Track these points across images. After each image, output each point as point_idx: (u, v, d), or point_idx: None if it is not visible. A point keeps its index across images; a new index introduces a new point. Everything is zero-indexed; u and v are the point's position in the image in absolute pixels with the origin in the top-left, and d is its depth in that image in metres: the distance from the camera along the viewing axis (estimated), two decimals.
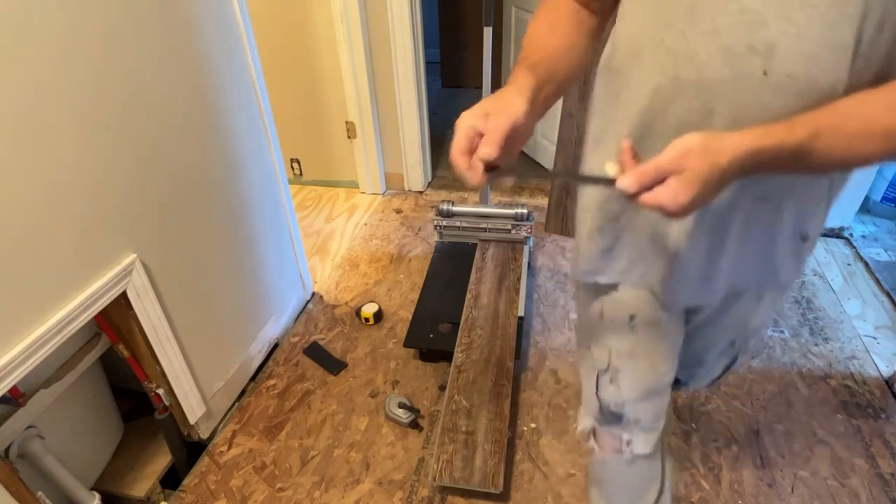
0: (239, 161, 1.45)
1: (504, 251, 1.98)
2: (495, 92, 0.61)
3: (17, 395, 1.01)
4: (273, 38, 2.32)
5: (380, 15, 2.25)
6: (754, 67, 0.53)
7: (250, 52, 1.44)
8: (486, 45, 1.76)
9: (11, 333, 0.90)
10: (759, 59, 0.53)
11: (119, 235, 1.09)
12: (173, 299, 1.25)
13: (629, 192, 0.52)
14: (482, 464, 1.28)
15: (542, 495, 1.31)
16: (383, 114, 2.52)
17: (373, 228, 2.42)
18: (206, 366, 1.41)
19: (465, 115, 0.58)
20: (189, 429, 1.40)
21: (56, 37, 0.90)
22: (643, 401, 0.84)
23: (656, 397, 0.85)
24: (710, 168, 0.50)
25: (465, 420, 1.38)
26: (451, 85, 4.02)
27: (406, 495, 1.32)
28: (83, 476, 1.23)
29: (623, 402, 0.85)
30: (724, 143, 0.50)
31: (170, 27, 1.15)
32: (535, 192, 2.65)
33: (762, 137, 0.51)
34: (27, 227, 0.90)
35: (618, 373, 0.84)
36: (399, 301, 1.96)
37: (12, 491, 0.93)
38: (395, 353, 1.73)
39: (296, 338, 1.81)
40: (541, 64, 0.65)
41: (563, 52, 0.68)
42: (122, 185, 1.08)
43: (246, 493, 1.34)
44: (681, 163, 0.50)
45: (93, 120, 0.99)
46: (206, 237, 1.36)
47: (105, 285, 1.05)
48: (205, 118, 1.30)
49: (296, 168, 2.75)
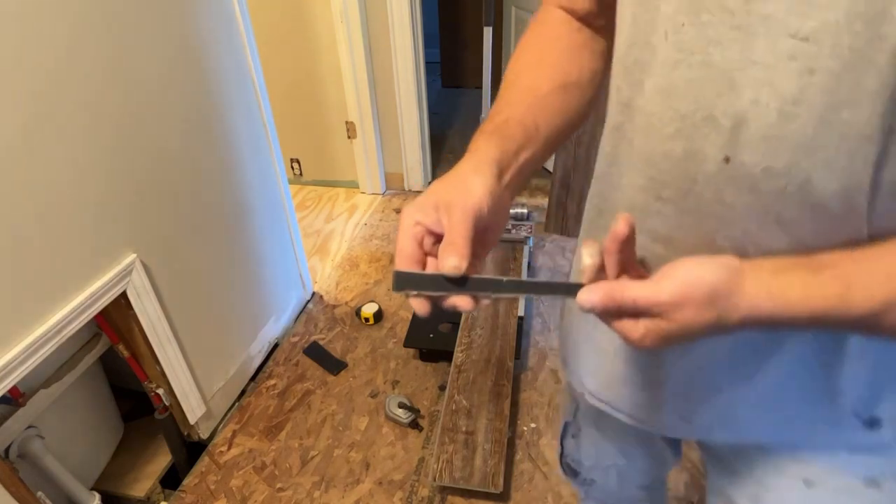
0: (239, 161, 1.45)
1: (504, 251, 1.98)
2: (448, 172, 0.44)
3: (17, 395, 1.01)
4: (273, 38, 2.32)
5: (380, 15, 2.25)
6: (711, 147, 0.38)
7: (250, 52, 1.44)
8: (486, 45, 1.77)
9: (11, 333, 0.90)
10: (720, 137, 0.37)
11: (119, 235, 1.09)
12: (173, 299, 1.25)
13: (585, 309, 0.39)
14: (482, 464, 1.28)
15: (542, 495, 1.31)
16: (383, 114, 2.52)
17: (373, 228, 2.42)
18: (206, 366, 1.40)
19: (407, 208, 0.42)
20: (189, 429, 1.40)
21: (58, 37, 0.90)
22: (605, 473, 0.75)
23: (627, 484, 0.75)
24: (708, 325, 0.37)
25: (465, 420, 1.38)
26: (451, 85, 4.01)
27: (406, 495, 1.32)
28: (83, 476, 1.23)
29: (580, 463, 0.77)
30: (742, 299, 0.36)
31: (170, 28, 1.15)
32: (535, 191, 2.65)
33: (801, 301, 0.36)
34: (27, 228, 0.90)
35: (580, 434, 0.75)
36: (399, 301, 1.96)
37: (12, 491, 0.93)
38: (395, 353, 1.73)
39: (296, 338, 1.81)
40: (515, 120, 0.48)
41: (554, 95, 0.51)
42: (122, 185, 1.08)
43: (246, 493, 1.34)
44: (671, 311, 0.36)
45: (93, 121, 0.99)
46: (206, 237, 1.36)
47: (105, 285, 1.05)
48: (205, 118, 1.30)
49: (296, 168, 2.75)
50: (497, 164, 0.44)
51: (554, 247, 2.22)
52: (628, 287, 0.38)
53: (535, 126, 0.48)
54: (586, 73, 0.53)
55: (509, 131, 0.47)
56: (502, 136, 0.46)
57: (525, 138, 0.47)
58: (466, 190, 0.42)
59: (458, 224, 0.40)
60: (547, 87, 0.51)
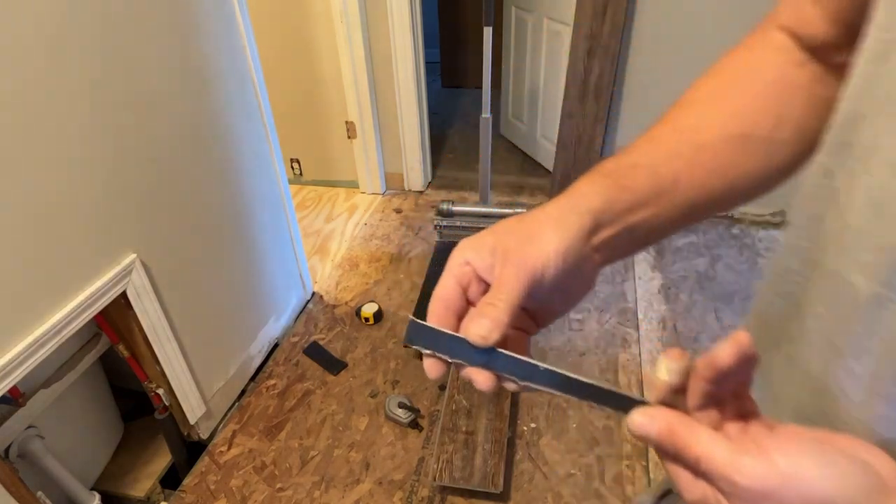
0: (239, 161, 1.45)
1: None
2: (532, 210, 0.34)
3: (17, 395, 1.01)
4: (273, 38, 2.32)
5: (380, 15, 2.25)
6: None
7: (250, 51, 1.44)
8: (486, 45, 1.76)
9: (11, 333, 0.90)
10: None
11: (119, 235, 1.09)
12: (173, 299, 1.25)
13: (634, 433, 0.28)
14: (482, 464, 1.28)
15: (542, 495, 1.31)
16: (383, 114, 2.52)
17: (373, 228, 2.42)
18: (206, 366, 1.41)
19: (461, 243, 0.34)
20: (189, 429, 1.40)
21: (58, 37, 0.90)
22: None
23: None
24: None
25: (465, 420, 1.38)
26: (451, 85, 4.01)
27: (406, 495, 1.32)
28: (83, 476, 1.23)
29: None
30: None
31: (171, 28, 1.15)
32: (535, 191, 2.65)
33: None
34: (27, 228, 0.90)
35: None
36: (399, 301, 1.96)
37: (12, 491, 0.93)
38: (395, 352, 1.73)
39: (296, 338, 1.81)
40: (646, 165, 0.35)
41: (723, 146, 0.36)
42: (122, 185, 1.08)
43: (246, 493, 1.34)
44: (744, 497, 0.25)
45: (93, 120, 0.99)
46: (206, 237, 1.36)
47: (105, 285, 1.05)
48: (205, 118, 1.30)
49: (296, 168, 2.75)
50: (593, 217, 0.33)
51: None
52: (699, 436, 0.26)
53: (674, 180, 0.35)
54: (788, 128, 0.36)
55: (631, 178, 0.35)
56: (617, 183, 0.34)
57: (651, 193, 0.35)
58: (534, 240, 0.32)
59: (507, 281, 0.31)
60: (715, 134, 0.36)
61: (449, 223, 2.03)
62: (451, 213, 2.02)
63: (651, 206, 0.35)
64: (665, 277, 2.02)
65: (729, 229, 2.29)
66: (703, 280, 2.00)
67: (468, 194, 2.63)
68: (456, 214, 2.02)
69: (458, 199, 2.44)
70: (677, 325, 1.80)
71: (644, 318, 1.83)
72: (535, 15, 2.46)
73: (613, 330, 1.79)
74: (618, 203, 0.34)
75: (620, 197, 0.34)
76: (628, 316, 1.84)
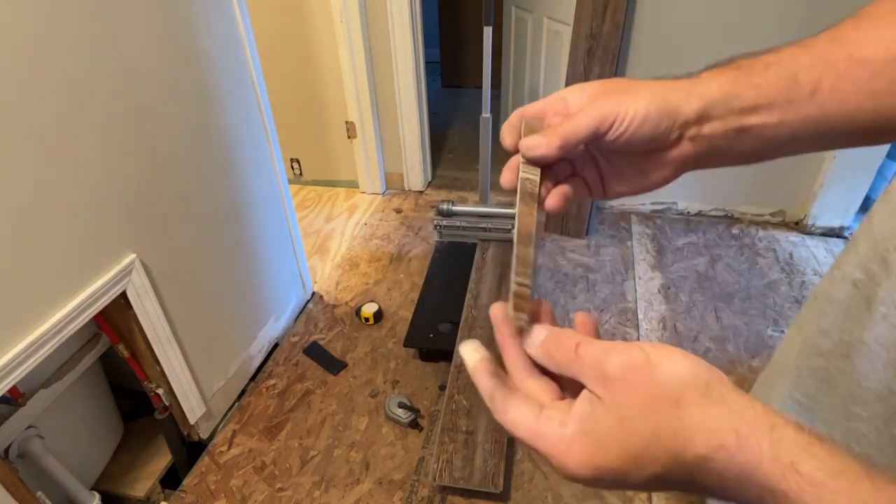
0: (239, 161, 1.45)
1: (504, 251, 1.98)
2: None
3: (17, 395, 1.01)
4: (273, 37, 2.32)
5: (380, 15, 2.25)
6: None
7: (250, 51, 1.44)
8: (486, 45, 1.76)
9: (11, 333, 0.90)
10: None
11: (119, 235, 1.09)
12: (173, 299, 1.25)
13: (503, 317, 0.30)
14: (482, 463, 1.28)
15: (542, 495, 1.31)
16: (383, 114, 2.52)
17: (373, 228, 2.42)
18: (206, 366, 1.41)
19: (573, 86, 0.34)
20: (189, 429, 1.40)
21: (57, 37, 0.90)
22: None
23: None
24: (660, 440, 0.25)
25: (465, 420, 1.38)
26: (451, 85, 4.02)
27: (406, 495, 1.32)
28: (83, 476, 1.23)
29: None
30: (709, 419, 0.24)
31: (169, 27, 1.15)
32: None
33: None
34: (27, 227, 0.90)
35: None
36: (399, 301, 1.96)
37: (12, 491, 0.93)
38: (395, 352, 1.73)
39: (296, 337, 1.81)
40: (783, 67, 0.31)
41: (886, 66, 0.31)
42: (121, 184, 1.08)
43: (246, 492, 1.34)
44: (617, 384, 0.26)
45: (92, 119, 0.99)
46: (206, 237, 1.36)
47: (105, 285, 1.05)
48: (204, 117, 1.30)
49: (296, 168, 2.75)
50: (703, 105, 0.30)
51: (554, 247, 2.22)
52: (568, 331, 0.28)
53: (812, 90, 0.30)
54: None
55: (763, 77, 0.31)
56: (745, 78, 0.31)
57: (781, 97, 0.31)
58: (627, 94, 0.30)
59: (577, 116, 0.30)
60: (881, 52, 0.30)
61: (449, 223, 2.04)
62: (451, 212, 2.02)
63: (776, 112, 0.31)
64: (665, 277, 2.02)
65: (729, 229, 2.29)
66: (703, 280, 2.00)
67: (468, 194, 2.63)
68: (456, 214, 2.02)
69: (458, 199, 2.45)
70: (677, 324, 1.80)
71: (644, 318, 1.83)
72: (534, 15, 2.46)
73: (613, 330, 1.79)
74: (738, 100, 0.31)
75: (744, 94, 0.31)
76: (628, 316, 1.84)
